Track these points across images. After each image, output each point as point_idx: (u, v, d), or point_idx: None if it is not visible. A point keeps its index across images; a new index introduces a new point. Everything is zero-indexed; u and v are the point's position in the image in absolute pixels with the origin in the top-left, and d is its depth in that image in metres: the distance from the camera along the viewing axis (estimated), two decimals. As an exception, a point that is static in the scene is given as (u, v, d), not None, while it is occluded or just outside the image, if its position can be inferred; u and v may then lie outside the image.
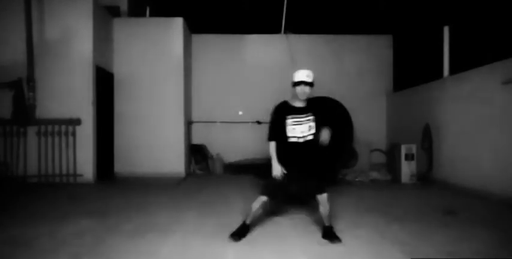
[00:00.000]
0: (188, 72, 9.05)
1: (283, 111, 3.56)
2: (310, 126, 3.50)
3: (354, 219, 4.26)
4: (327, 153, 3.72)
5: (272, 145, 3.57)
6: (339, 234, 3.51)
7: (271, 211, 4.52)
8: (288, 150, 3.52)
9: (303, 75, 3.48)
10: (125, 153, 8.06)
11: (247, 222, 3.63)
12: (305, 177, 3.53)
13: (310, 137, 3.51)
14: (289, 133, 3.49)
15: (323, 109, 3.66)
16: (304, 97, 3.49)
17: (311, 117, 3.51)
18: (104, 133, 7.59)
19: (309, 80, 3.48)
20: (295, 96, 3.54)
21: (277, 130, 3.55)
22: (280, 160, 3.52)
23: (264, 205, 3.59)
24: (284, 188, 3.63)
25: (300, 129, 3.48)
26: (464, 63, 6.46)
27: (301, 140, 3.48)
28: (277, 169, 3.51)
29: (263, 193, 3.55)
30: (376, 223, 4.10)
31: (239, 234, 3.54)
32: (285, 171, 3.50)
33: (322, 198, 3.48)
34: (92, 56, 7.04)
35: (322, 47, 9.80)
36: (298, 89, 3.47)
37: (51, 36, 7.03)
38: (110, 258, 3.06)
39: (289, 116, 3.50)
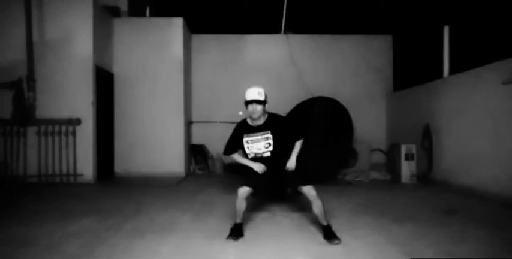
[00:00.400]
0: (188, 72, 9.05)
1: (240, 130, 3.66)
2: (268, 144, 3.55)
3: (353, 219, 4.26)
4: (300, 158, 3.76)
5: (234, 156, 3.74)
6: (338, 234, 3.50)
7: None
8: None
9: (253, 93, 3.51)
10: (125, 153, 8.06)
11: (238, 221, 3.62)
12: (285, 174, 3.59)
13: (267, 154, 3.57)
14: (247, 151, 3.63)
15: (285, 127, 3.67)
16: (257, 115, 3.53)
17: (268, 135, 3.55)
18: (104, 133, 7.59)
19: (261, 98, 3.50)
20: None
21: (233, 146, 3.71)
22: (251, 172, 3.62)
23: (247, 200, 3.56)
24: (265, 184, 3.65)
25: (256, 147, 3.58)
26: (464, 63, 6.45)
27: (259, 156, 3.60)
28: (257, 166, 3.58)
29: (244, 184, 3.51)
30: (376, 224, 4.10)
31: (235, 234, 3.53)
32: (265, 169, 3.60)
33: (310, 192, 3.45)
34: (92, 56, 7.04)
35: (322, 47, 9.80)
36: (250, 107, 3.51)
37: (51, 36, 7.03)
38: (110, 258, 3.06)
39: (245, 135, 3.60)
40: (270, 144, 3.54)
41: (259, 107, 3.50)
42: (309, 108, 7.49)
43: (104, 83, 7.61)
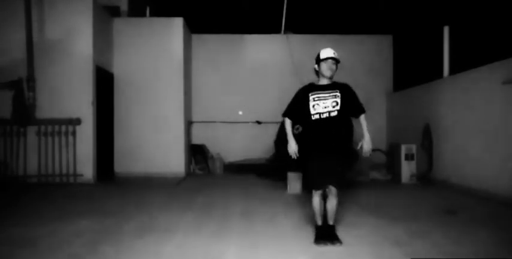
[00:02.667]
0: (188, 72, 9.05)
1: (306, 90, 3.49)
2: (335, 102, 3.38)
3: (353, 219, 4.26)
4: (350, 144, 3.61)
5: (287, 122, 3.58)
6: (338, 234, 3.50)
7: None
8: (313, 130, 3.42)
9: (330, 52, 3.41)
10: (124, 153, 8.06)
11: (319, 223, 3.50)
12: (329, 165, 3.37)
13: (335, 113, 3.38)
14: (312, 111, 3.40)
15: (349, 92, 3.52)
16: (330, 74, 3.41)
17: (337, 94, 3.40)
18: (104, 133, 7.59)
19: (336, 57, 3.41)
20: (320, 76, 3.48)
21: (294, 108, 3.52)
22: (307, 142, 3.45)
23: (321, 198, 3.43)
24: (323, 174, 3.40)
25: (322, 105, 3.38)
26: (464, 63, 6.45)
27: (324, 116, 3.37)
28: (292, 147, 3.49)
29: (313, 188, 3.40)
30: (376, 224, 4.10)
31: (323, 237, 3.42)
32: (297, 154, 3.48)
33: (334, 192, 3.37)
34: (92, 56, 7.04)
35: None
36: (325, 65, 3.40)
37: (51, 36, 7.03)
38: (110, 258, 3.06)
39: (311, 93, 3.43)
40: (337, 102, 3.39)
41: (334, 66, 3.42)
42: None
43: (104, 83, 7.61)
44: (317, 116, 3.40)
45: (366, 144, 3.53)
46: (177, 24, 8.30)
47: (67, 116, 6.94)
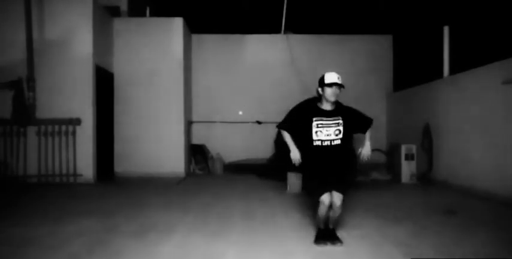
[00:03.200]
0: (188, 72, 9.05)
1: (309, 111, 3.43)
2: (338, 130, 3.36)
3: (353, 219, 4.25)
4: (355, 161, 3.61)
5: (286, 133, 3.51)
6: (338, 234, 3.50)
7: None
8: (313, 155, 3.40)
9: (334, 77, 3.36)
10: (124, 153, 8.06)
11: (321, 227, 3.48)
12: (332, 177, 3.37)
13: (338, 142, 3.36)
14: (314, 137, 3.36)
15: (353, 114, 3.51)
16: (334, 99, 3.37)
17: (339, 121, 3.37)
18: (104, 133, 7.59)
19: (340, 82, 3.36)
20: (324, 100, 3.41)
21: (293, 123, 3.47)
22: (308, 166, 3.43)
23: (328, 208, 3.36)
24: (325, 182, 3.38)
25: (325, 132, 3.36)
26: (464, 63, 6.46)
27: (326, 143, 3.35)
28: (296, 155, 3.45)
29: (319, 195, 3.33)
30: (376, 224, 4.10)
31: (323, 237, 3.42)
32: (301, 161, 3.45)
33: (337, 201, 3.31)
34: (92, 56, 7.04)
35: (322, 47, 9.80)
36: (329, 90, 3.34)
37: (51, 36, 7.03)
38: (110, 258, 3.06)
39: (315, 118, 3.37)
40: (340, 131, 3.39)
41: (338, 91, 3.38)
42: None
43: (104, 83, 7.61)
44: (318, 143, 3.37)
45: (365, 151, 3.53)
46: (177, 24, 8.30)
47: (67, 116, 6.94)
